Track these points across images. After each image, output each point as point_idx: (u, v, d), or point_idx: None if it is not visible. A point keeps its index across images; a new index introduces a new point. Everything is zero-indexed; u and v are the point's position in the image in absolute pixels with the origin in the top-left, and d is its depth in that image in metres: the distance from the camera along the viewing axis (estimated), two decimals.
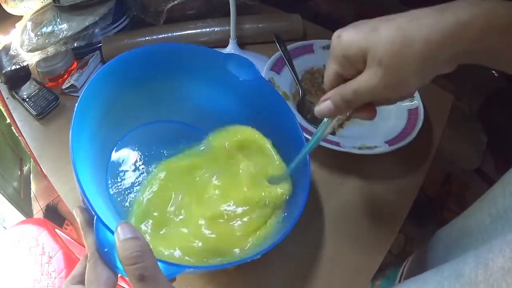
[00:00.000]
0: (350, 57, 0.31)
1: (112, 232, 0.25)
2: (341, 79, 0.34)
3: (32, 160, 0.82)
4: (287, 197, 0.42)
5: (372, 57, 0.30)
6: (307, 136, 0.49)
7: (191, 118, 0.49)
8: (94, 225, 0.27)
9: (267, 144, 0.45)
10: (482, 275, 0.25)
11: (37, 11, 0.62)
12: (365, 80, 0.31)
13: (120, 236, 0.24)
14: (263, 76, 0.56)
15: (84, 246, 0.30)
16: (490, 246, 0.26)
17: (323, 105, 0.35)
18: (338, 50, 0.32)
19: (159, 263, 0.25)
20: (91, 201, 0.29)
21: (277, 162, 0.44)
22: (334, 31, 0.33)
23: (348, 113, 0.35)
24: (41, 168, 0.52)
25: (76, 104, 0.34)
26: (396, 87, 0.30)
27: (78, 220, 0.29)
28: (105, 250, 0.26)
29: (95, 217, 0.28)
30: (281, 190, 0.42)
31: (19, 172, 0.90)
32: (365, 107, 0.34)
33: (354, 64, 0.32)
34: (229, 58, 0.44)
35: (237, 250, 0.39)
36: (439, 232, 0.53)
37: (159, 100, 0.46)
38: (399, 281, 0.60)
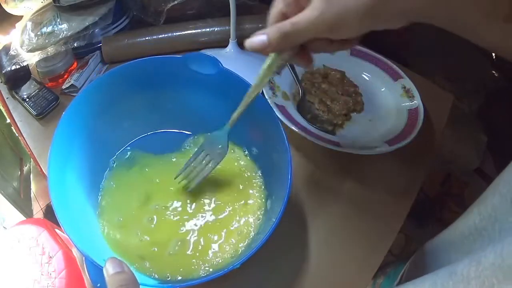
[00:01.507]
0: None
1: (101, 269, 0.28)
2: (284, 19, 0.33)
3: (32, 160, 0.82)
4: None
5: None
6: (294, 128, 0.49)
7: (179, 125, 0.50)
8: (85, 265, 0.30)
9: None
10: (474, 271, 0.25)
11: (37, 11, 0.62)
12: (305, 13, 0.31)
13: (109, 271, 0.27)
14: None
15: None
16: (483, 244, 0.26)
17: (255, 37, 0.34)
18: None
19: None
20: (77, 244, 0.31)
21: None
22: None
23: (285, 54, 0.34)
24: (41, 168, 0.52)
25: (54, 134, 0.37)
26: (335, 24, 0.30)
27: (77, 258, 0.31)
28: (98, 285, 0.30)
29: (84, 258, 0.31)
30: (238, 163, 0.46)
31: (19, 172, 0.90)
32: (302, 53, 0.35)
33: (299, 1, 0.32)
34: (188, 58, 0.44)
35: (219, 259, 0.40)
36: (441, 234, 0.53)
37: (149, 113, 0.49)
38: (399, 281, 0.60)
